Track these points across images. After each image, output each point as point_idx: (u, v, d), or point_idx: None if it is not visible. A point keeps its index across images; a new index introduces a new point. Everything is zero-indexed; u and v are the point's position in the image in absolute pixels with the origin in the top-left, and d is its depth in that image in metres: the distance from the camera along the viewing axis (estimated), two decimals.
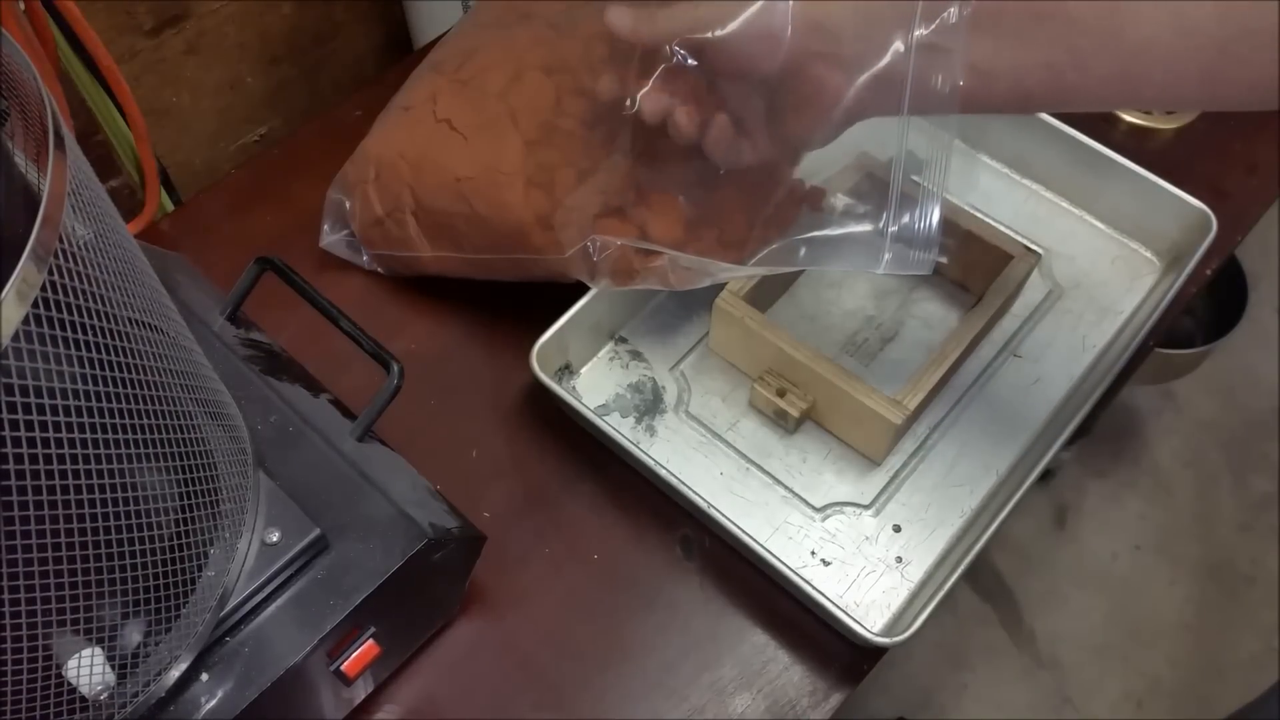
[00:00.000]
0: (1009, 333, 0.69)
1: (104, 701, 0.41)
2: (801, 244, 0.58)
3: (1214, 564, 1.49)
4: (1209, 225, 0.67)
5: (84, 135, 0.79)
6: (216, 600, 0.45)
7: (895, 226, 0.54)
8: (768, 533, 0.61)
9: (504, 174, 0.62)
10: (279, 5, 1.00)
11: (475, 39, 0.69)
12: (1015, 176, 0.76)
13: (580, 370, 0.68)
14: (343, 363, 0.58)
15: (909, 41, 0.49)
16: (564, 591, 0.60)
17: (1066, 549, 1.51)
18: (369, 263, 0.71)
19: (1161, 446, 1.60)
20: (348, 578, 0.48)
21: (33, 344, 0.31)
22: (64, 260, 0.32)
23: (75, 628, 0.38)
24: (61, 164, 0.32)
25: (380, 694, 0.57)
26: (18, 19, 0.62)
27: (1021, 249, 0.66)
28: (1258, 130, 0.79)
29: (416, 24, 1.06)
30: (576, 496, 0.63)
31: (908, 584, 0.60)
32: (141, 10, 0.88)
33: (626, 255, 0.59)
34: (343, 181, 0.70)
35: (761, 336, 0.62)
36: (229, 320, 0.57)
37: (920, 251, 0.54)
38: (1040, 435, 0.65)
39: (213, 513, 0.44)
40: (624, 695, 0.57)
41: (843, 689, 0.57)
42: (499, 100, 0.63)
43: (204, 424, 0.44)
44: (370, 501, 0.50)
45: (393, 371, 0.52)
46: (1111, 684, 1.40)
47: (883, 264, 0.55)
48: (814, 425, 0.65)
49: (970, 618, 1.45)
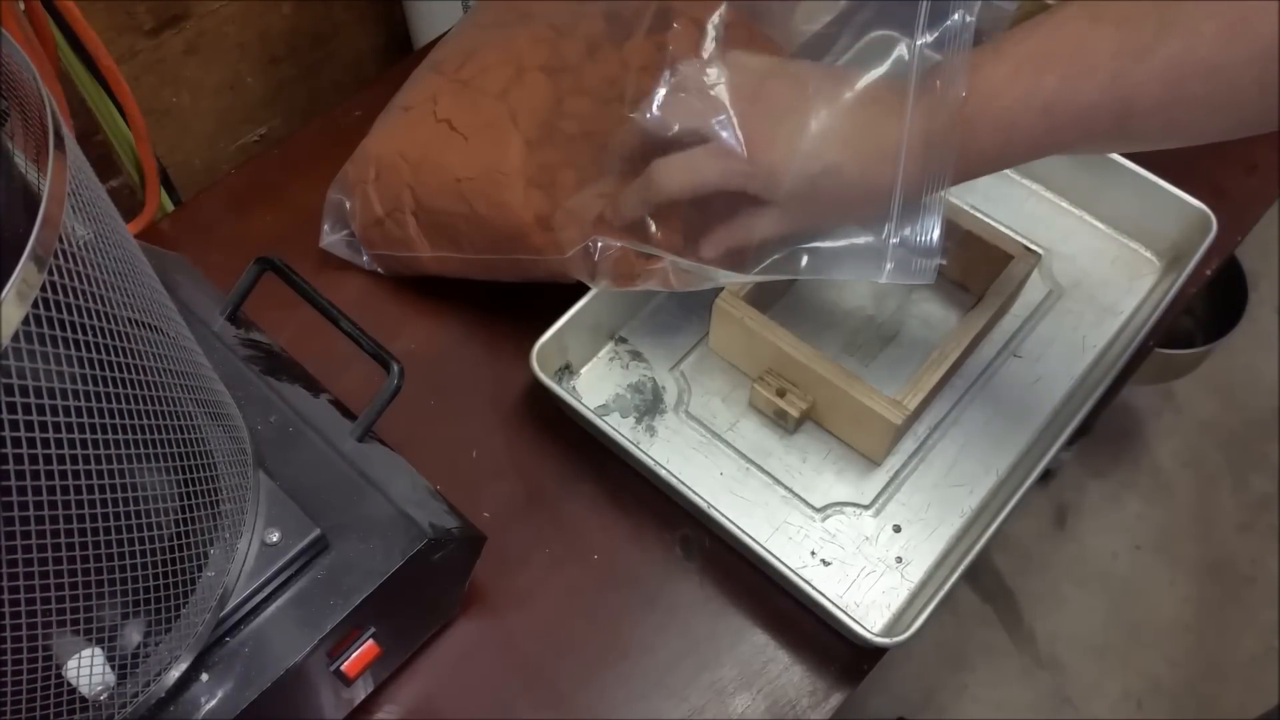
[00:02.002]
0: (1009, 333, 0.69)
1: (104, 702, 0.41)
2: (804, 252, 0.58)
3: (1214, 564, 1.50)
4: (1209, 225, 0.67)
5: (84, 135, 0.79)
6: (216, 600, 0.45)
7: (897, 238, 0.54)
8: (768, 533, 0.61)
9: (504, 174, 0.62)
10: (279, 5, 1.00)
11: (475, 39, 0.69)
12: (1015, 176, 0.76)
13: (580, 370, 0.68)
14: (343, 363, 0.58)
15: (913, 48, 0.50)
16: (564, 591, 0.60)
17: (1066, 549, 1.51)
18: (369, 263, 0.71)
19: (1161, 446, 1.60)
20: (348, 578, 0.48)
21: (33, 344, 0.31)
22: (64, 260, 0.32)
23: (75, 628, 0.38)
24: (61, 164, 0.32)
25: (380, 694, 0.57)
26: (18, 19, 0.62)
27: (1021, 249, 0.66)
28: None
29: (416, 24, 1.06)
30: (576, 496, 0.63)
31: (908, 584, 0.60)
32: (141, 10, 0.88)
33: (627, 256, 0.59)
34: (343, 181, 0.70)
35: (761, 336, 0.62)
36: (229, 320, 0.57)
37: (922, 260, 0.54)
38: (1040, 435, 0.65)
39: (213, 513, 0.44)
40: (624, 695, 0.57)
41: (843, 689, 0.57)
42: (499, 100, 0.63)
43: (204, 424, 0.44)
44: (370, 501, 0.50)
45: (393, 371, 0.52)
46: (1111, 684, 1.40)
47: (885, 273, 0.55)
48: (814, 425, 0.65)
49: (970, 618, 1.45)
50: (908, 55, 0.50)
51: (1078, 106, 0.48)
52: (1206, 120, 0.48)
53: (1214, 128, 0.49)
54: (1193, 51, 0.45)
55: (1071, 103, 0.48)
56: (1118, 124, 0.48)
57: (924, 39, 0.49)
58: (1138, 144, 0.51)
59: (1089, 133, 0.49)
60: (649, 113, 0.55)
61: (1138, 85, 0.46)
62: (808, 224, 0.56)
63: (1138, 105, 0.47)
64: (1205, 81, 0.45)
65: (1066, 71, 0.48)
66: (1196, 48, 0.45)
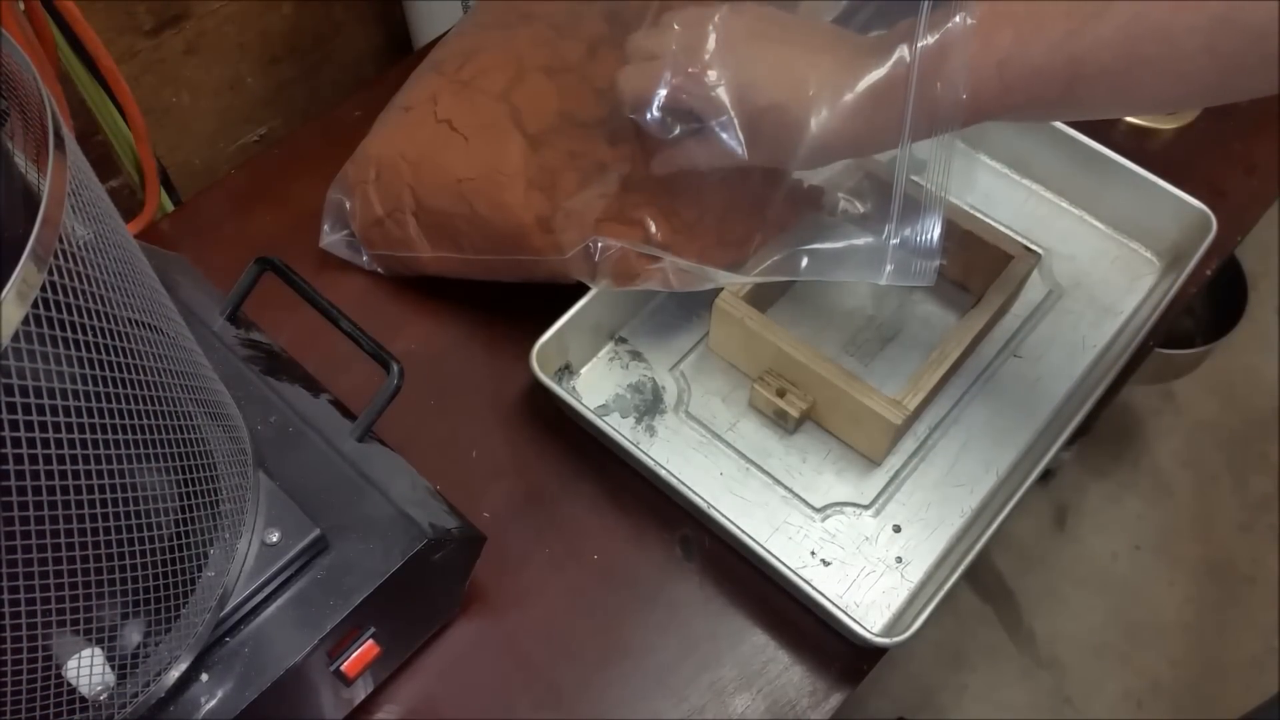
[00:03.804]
0: (1009, 333, 0.69)
1: (104, 702, 0.41)
2: (804, 254, 0.58)
3: (1214, 564, 1.49)
4: (1209, 225, 0.67)
5: (84, 135, 0.79)
6: (216, 600, 0.45)
7: (898, 239, 0.54)
8: (768, 533, 0.61)
9: (505, 175, 0.62)
10: (279, 5, 1.00)
11: (476, 39, 0.69)
12: (1015, 176, 0.76)
13: (580, 370, 0.68)
14: (343, 363, 0.58)
15: (914, 51, 0.50)
16: (564, 591, 0.60)
17: (1066, 549, 1.51)
18: (369, 263, 0.71)
19: (1161, 446, 1.60)
20: (348, 578, 0.48)
21: (33, 344, 0.31)
22: (64, 260, 0.32)
23: (75, 628, 0.38)
24: (61, 164, 0.32)
25: (380, 694, 0.57)
26: (18, 19, 0.62)
27: (1021, 249, 0.66)
28: (1258, 130, 0.79)
29: (416, 24, 1.06)
30: (576, 496, 0.63)
31: (908, 584, 0.60)
32: (141, 10, 0.88)
33: (628, 257, 0.59)
34: (343, 182, 0.70)
35: (761, 336, 0.62)
36: (229, 320, 0.57)
37: (923, 261, 0.54)
38: (1040, 435, 0.65)
39: (213, 513, 0.44)
40: (624, 695, 0.57)
41: (842, 689, 0.57)
42: (500, 101, 0.63)
43: (204, 424, 0.44)
44: (370, 501, 0.50)
45: (393, 371, 0.52)
46: (1111, 684, 1.40)
47: (885, 275, 0.55)
48: (814, 425, 0.65)
49: (970, 618, 1.45)
50: (909, 57, 0.50)
51: (1029, 66, 0.48)
52: (1155, 86, 0.48)
53: (1163, 96, 0.49)
54: (1144, 15, 0.46)
55: (1023, 62, 0.48)
56: (1068, 86, 0.48)
57: (925, 40, 0.49)
58: (1086, 109, 0.51)
59: (1039, 96, 0.49)
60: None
61: (1088, 46, 0.47)
62: (754, 160, 0.55)
63: (1088, 66, 0.47)
64: (1155, 44, 0.46)
65: (1020, 29, 0.48)
66: (1148, 11, 0.45)
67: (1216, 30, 0.45)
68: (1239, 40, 0.45)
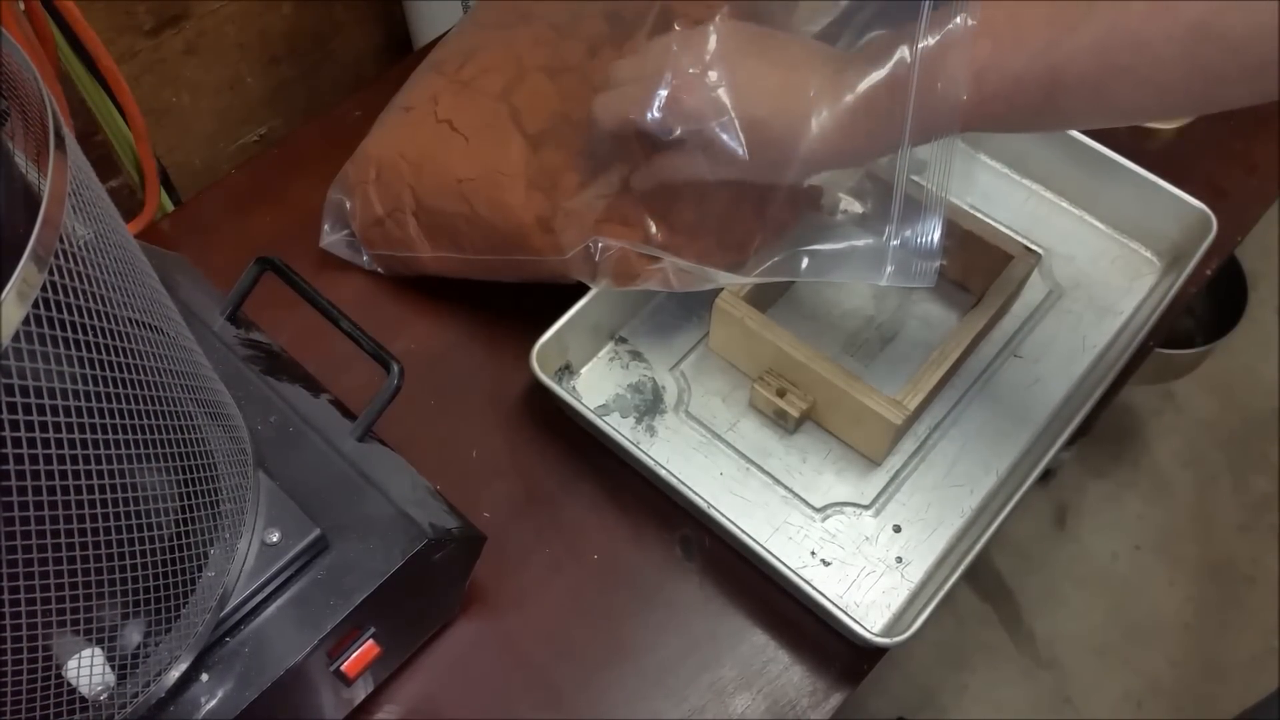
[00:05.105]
0: (1009, 333, 0.69)
1: (104, 702, 0.41)
2: (804, 254, 0.58)
3: (1214, 564, 1.49)
4: (1209, 225, 0.67)
5: (84, 135, 0.79)
6: (216, 600, 0.45)
7: (898, 239, 0.54)
8: (768, 533, 0.61)
9: (505, 175, 0.62)
10: (279, 5, 1.00)
11: (476, 39, 0.69)
12: (1015, 176, 0.76)
13: (580, 370, 0.68)
14: (343, 363, 0.58)
15: (914, 52, 0.50)
16: (564, 591, 0.60)
17: (1066, 549, 1.51)
18: (369, 263, 0.71)
19: (1161, 446, 1.60)
20: (348, 578, 0.48)
21: (33, 344, 0.31)
22: (64, 260, 0.32)
23: (75, 628, 0.38)
24: (62, 164, 0.32)
25: (380, 694, 0.57)
26: (18, 19, 0.62)
27: (1021, 249, 0.66)
28: (1258, 130, 0.79)
29: (416, 24, 1.06)
30: (576, 496, 0.63)
31: (908, 584, 0.60)
32: (141, 10, 0.88)
33: (628, 257, 0.59)
34: (343, 182, 0.70)
35: (761, 336, 0.62)
36: (229, 320, 0.57)
37: (923, 262, 0.54)
38: (1040, 435, 0.65)
39: (213, 513, 0.44)
40: (624, 695, 0.57)
41: (843, 689, 0.57)
42: (500, 101, 0.63)
43: (204, 424, 0.44)
44: (370, 501, 0.50)
45: (393, 371, 0.52)
46: (1111, 684, 1.40)
47: (885, 276, 0.55)
48: (814, 425, 0.65)
49: (970, 618, 1.45)
50: (909, 58, 0.50)
51: (1009, 76, 0.48)
52: (1136, 95, 0.48)
53: (1145, 105, 0.49)
54: (1121, 25, 0.46)
55: (1003, 71, 0.48)
56: (1048, 96, 0.48)
57: (926, 41, 0.49)
58: (1069, 119, 0.51)
59: (1020, 105, 0.49)
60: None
61: (1068, 56, 0.47)
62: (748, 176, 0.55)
63: (1068, 76, 0.47)
64: (1133, 54, 0.46)
65: (1000, 38, 0.48)
66: (1126, 21, 0.46)
67: (1194, 40, 0.44)
68: (1217, 50, 0.44)
